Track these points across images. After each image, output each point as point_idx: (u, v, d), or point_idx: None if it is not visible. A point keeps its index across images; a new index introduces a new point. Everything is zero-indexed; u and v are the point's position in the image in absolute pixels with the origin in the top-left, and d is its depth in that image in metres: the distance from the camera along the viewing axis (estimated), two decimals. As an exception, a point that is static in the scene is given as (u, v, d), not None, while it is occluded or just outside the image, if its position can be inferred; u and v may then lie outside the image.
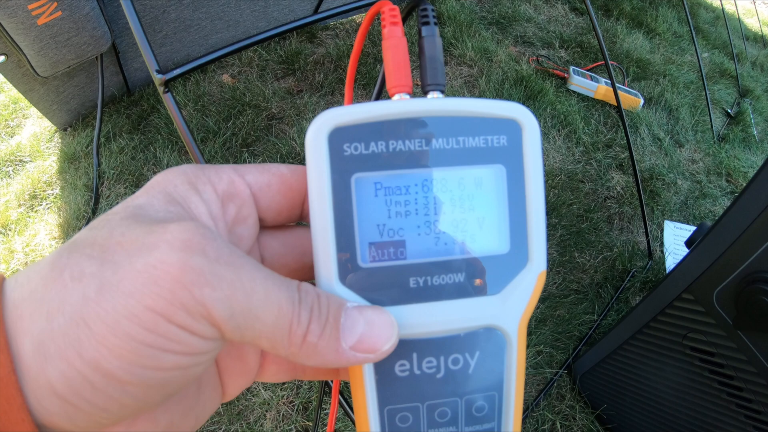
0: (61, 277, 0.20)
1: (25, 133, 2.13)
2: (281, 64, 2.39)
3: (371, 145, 0.26)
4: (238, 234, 0.28)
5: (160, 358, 0.20)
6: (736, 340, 0.91)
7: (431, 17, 0.30)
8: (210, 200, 0.26)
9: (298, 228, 0.31)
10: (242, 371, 0.29)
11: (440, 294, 0.27)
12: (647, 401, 1.19)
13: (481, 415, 0.28)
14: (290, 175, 0.28)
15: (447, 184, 0.27)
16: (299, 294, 0.23)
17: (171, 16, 2.05)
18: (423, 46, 0.29)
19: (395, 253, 0.27)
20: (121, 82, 2.13)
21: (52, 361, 0.19)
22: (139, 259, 0.20)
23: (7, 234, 1.73)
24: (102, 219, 0.23)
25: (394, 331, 0.25)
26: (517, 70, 2.50)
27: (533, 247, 0.28)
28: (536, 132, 0.28)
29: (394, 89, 0.28)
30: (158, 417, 0.24)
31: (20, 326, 0.20)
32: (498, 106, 0.27)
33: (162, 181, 0.25)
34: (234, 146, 2.01)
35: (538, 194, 0.28)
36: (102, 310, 0.19)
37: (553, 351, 1.54)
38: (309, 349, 0.23)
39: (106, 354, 0.19)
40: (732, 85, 3.03)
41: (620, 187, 2.11)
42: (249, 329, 0.22)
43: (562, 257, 1.81)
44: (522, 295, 0.28)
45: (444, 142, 0.26)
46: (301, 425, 1.31)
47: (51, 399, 0.20)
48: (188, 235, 0.21)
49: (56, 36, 1.66)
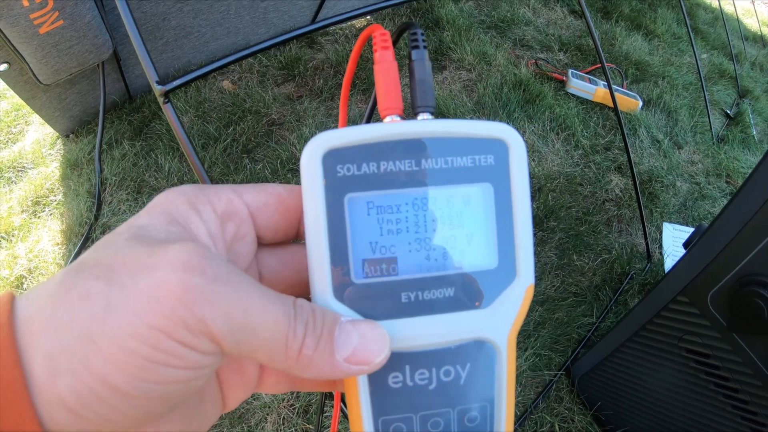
0: (68, 295, 0.21)
1: (28, 140, 2.14)
2: (281, 69, 2.40)
3: (363, 166, 0.27)
4: (237, 251, 0.28)
5: (163, 373, 0.21)
6: (731, 342, 0.91)
7: (420, 41, 0.31)
8: (209, 220, 0.27)
9: (295, 246, 0.32)
10: (242, 383, 0.30)
11: (431, 308, 0.28)
12: (645, 403, 1.20)
13: (473, 425, 0.29)
14: (287, 195, 0.29)
15: (437, 202, 0.28)
16: (295, 309, 0.24)
17: (172, 23, 2.06)
18: (413, 69, 0.30)
19: (387, 269, 0.27)
20: (123, 88, 2.15)
21: (61, 376, 0.20)
22: (143, 279, 0.21)
23: (10, 240, 1.74)
24: (107, 239, 0.24)
25: (386, 344, 0.26)
26: (515, 73, 2.50)
27: (521, 262, 0.28)
28: (522, 151, 0.28)
29: (386, 111, 0.29)
30: (161, 427, 0.25)
31: (31, 342, 0.21)
32: (485, 127, 0.28)
33: (163, 202, 0.26)
34: (234, 152, 2.02)
35: (525, 210, 0.28)
36: (108, 328, 0.21)
37: (551, 353, 1.55)
38: (304, 361, 0.24)
39: (112, 369, 0.20)
40: (731, 85, 3.03)
41: (619, 190, 2.11)
42: (247, 344, 0.23)
43: (560, 260, 1.82)
44: (511, 308, 0.28)
45: (433, 162, 0.27)
46: (301, 428, 1.32)
47: (60, 411, 0.21)
48: (188, 256, 0.22)
49: (58, 44, 1.67)
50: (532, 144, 2.22)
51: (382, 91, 0.30)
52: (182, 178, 1.91)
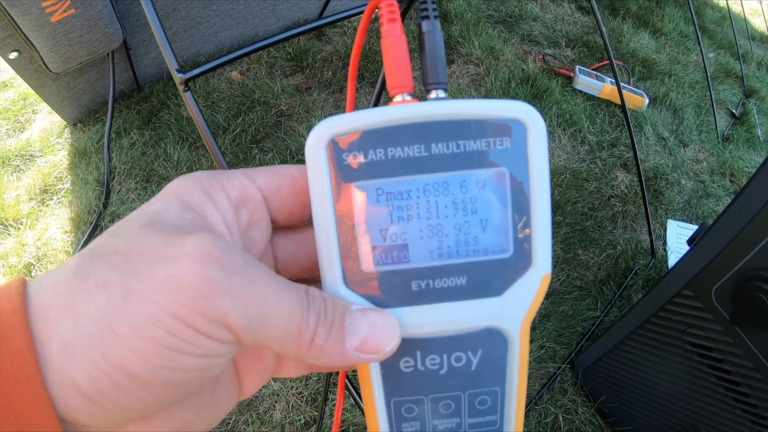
0: (85, 283, 0.22)
1: (35, 128, 2.14)
2: (290, 61, 2.40)
3: (370, 153, 0.26)
4: (252, 237, 0.29)
5: (181, 360, 0.22)
6: (733, 335, 0.93)
7: (431, 11, 0.28)
8: (224, 207, 0.27)
9: (308, 228, 0.32)
10: (260, 369, 0.31)
11: (443, 296, 0.27)
12: (647, 395, 1.21)
13: (483, 408, 0.29)
14: (300, 177, 0.29)
15: (449, 188, 0.26)
16: (307, 299, 0.25)
17: (181, 13, 2.07)
18: (423, 42, 0.28)
19: (398, 257, 0.27)
20: (131, 78, 2.15)
21: (78, 362, 0.21)
22: (162, 269, 0.22)
23: (19, 228, 1.75)
24: (120, 225, 0.24)
25: (396, 333, 0.26)
26: (523, 68, 2.50)
27: (537, 250, 0.27)
28: (542, 132, 0.27)
29: (395, 90, 0.28)
30: (174, 415, 0.26)
31: (47, 328, 0.21)
32: (501, 107, 0.26)
33: (177, 189, 0.26)
34: (244, 142, 2.03)
35: (543, 196, 0.27)
36: (128, 316, 0.21)
37: (556, 346, 1.56)
38: (316, 351, 0.25)
39: (130, 356, 0.21)
40: (737, 85, 3.02)
41: (624, 186, 2.12)
42: (262, 334, 0.24)
43: (566, 254, 1.83)
44: (525, 297, 0.28)
45: (444, 147, 0.26)
46: (309, 416, 1.33)
47: (76, 397, 0.21)
48: (207, 247, 0.23)
49: (69, 33, 1.68)
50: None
51: (390, 68, 0.28)
52: (191, 167, 1.91)
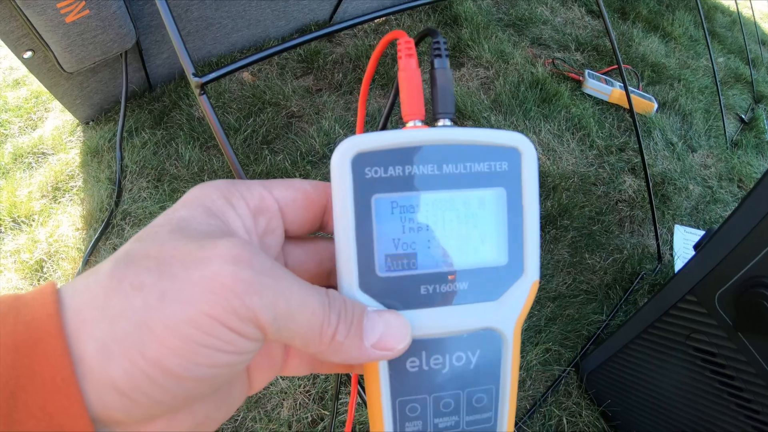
0: (121, 286, 0.23)
1: (48, 126, 2.17)
2: (300, 63, 2.42)
3: (389, 169, 0.29)
4: (267, 244, 0.31)
5: (214, 357, 0.24)
6: (736, 341, 0.93)
7: (443, 50, 0.33)
8: (244, 215, 0.29)
9: (317, 238, 0.35)
10: (269, 366, 0.33)
11: (447, 300, 0.30)
12: (651, 399, 1.22)
13: (480, 405, 0.32)
14: (313, 191, 0.32)
15: (454, 203, 0.30)
16: (328, 299, 0.27)
17: (194, 14, 2.08)
18: (435, 77, 0.32)
19: (408, 264, 0.30)
20: (143, 78, 2.17)
21: (115, 360, 0.22)
22: (195, 271, 0.24)
23: (31, 224, 1.77)
24: (149, 231, 0.26)
25: (408, 332, 0.29)
26: (532, 72, 2.52)
27: (528, 260, 0.31)
28: (533, 158, 0.31)
29: (409, 116, 0.32)
30: (196, 410, 0.27)
31: (84, 331, 0.23)
32: (500, 136, 0.30)
33: (200, 196, 0.28)
34: (254, 143, 2.05)
35: (534, 213, 0.31)
36: (164, 316, 0.23)
37: (561, 349, 1.57)
38: (336, 346, 0.27)
39: (167, 353, 0.23)
40: (746, 90, 3.02)
41: (632, 191, 2.12)
42: (287, 330, 0.25)
43: (573, 258, 1.84)
44: (517, 301, 0.31)
45: (452, 167, 0.30)
46: (316, 414, 1.35)
47: (111, 394, 0.22)
48: (236, 250, 0.24)
49: (83, 33, 1.69)
50: (547, 143, 2.23)
51: (405, 98, 0.32)
52: (203, 167, 1.94)
